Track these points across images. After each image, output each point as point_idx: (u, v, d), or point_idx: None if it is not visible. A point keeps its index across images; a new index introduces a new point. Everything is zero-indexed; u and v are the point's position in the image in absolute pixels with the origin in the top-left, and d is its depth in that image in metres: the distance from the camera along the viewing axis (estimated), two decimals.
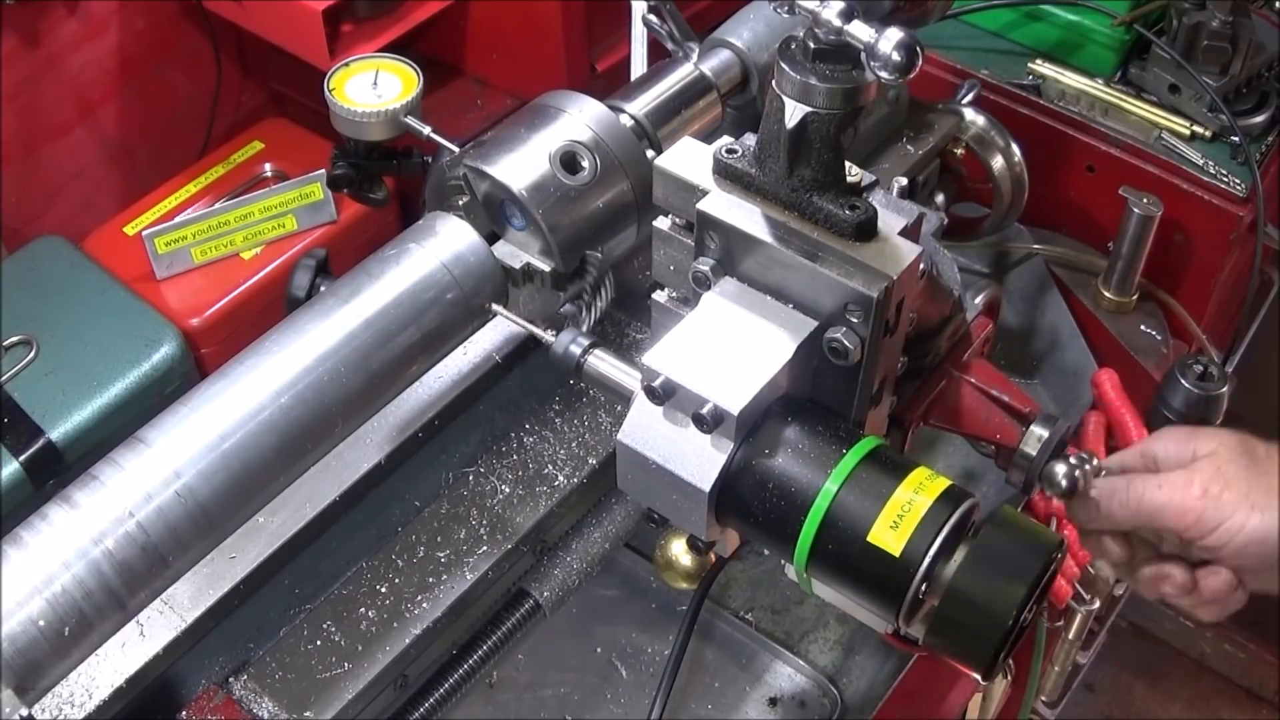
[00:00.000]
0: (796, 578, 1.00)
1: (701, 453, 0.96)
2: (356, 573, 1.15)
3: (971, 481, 1.58)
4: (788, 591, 1.58)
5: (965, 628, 0.92)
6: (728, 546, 1.07)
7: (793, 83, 0.93)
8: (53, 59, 2.25)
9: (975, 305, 1.26)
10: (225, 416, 0.96)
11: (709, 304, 1.02)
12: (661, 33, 1.34)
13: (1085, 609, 1.66)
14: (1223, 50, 1.71)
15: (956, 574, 0.91)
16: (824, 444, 0.96)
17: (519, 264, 1.14)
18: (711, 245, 1.03)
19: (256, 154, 2.28)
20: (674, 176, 1.05)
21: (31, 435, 1.82)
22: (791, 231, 0.98)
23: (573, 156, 1.13)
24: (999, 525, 0.95)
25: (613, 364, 1.05)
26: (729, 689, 1.51)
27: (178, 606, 1.06)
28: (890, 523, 0.92)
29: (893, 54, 0.88)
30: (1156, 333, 1.75)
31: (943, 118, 1.48)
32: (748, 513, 0.97)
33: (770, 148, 0.99)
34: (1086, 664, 2.21)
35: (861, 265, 0.96)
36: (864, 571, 0.94)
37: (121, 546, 0.90)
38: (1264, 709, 2.86)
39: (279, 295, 1.16)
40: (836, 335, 0.98)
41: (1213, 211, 1.70)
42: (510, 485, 1.20)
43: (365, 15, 2.13)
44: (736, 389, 0.95)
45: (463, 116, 2.25)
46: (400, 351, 1.03)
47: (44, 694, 0.91)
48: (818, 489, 0.94)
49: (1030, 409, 1.18)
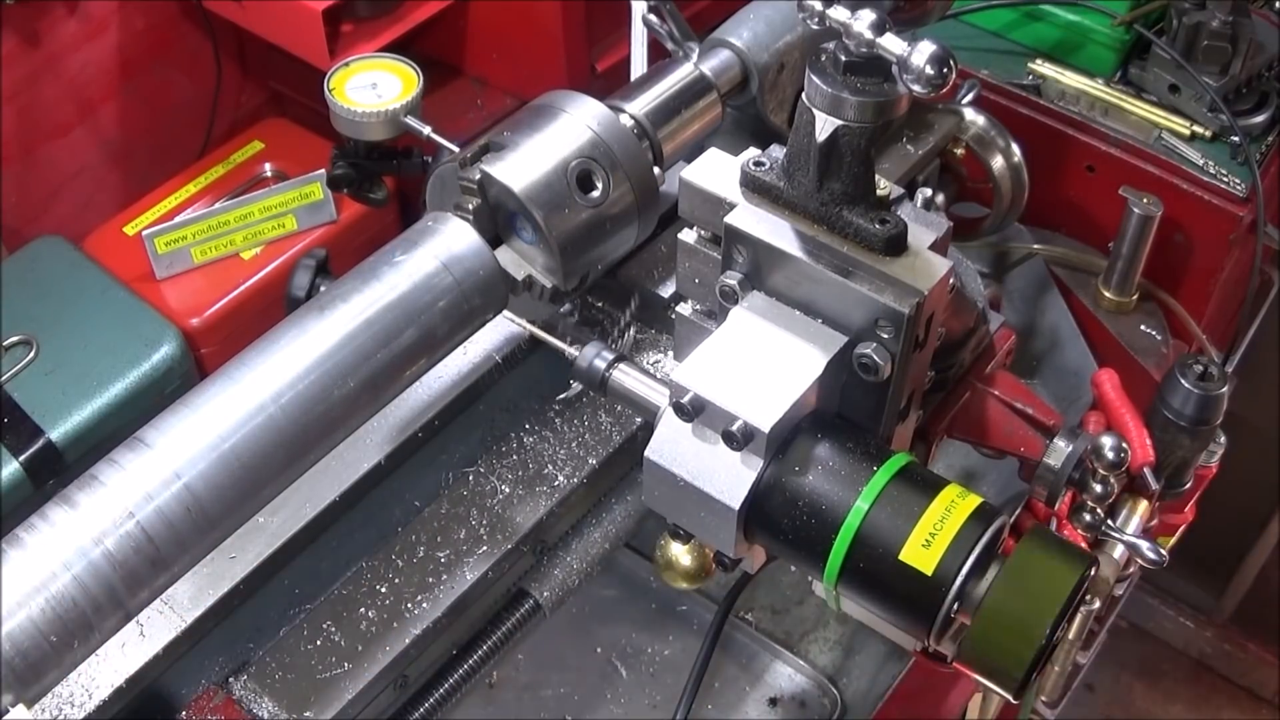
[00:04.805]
0: (825, 595, 1.00)
1: (731, 470, 0.96)
2: (356, 573, 1.15)
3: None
4: (788, 592, 1.58)
5: (997, 647, 0.91)
6: (754, 563, 1.06)
7: (824, 95, 0.93)
8: (53, 59, 2.25)
9: (998, 317, 1.26)
10: (225, 416, 0.96)
11: (737, 319, 1.02)
12: (661, 33, 1.34)
13: (1085, 609, 1.65)
14: (1223, 50, 1.71)
15: (989, 593, 0.91)
16: (854, 461, 0.96)
17: (521, 275, 1.14)
18: (739, 259, 1.02)
19: (256, 154, 2.28)
20: (701, 190, 1.04)
21: (31, 435, 1.82)
22: (821, 246, 0.98)
23: (588, 175, 1.12)
24: (1031, 543, 0.94)
25: (639, 379, 1.04)
26: (729, 689, 1.51)
27: (178, 606, 1.06)
28: (922, 541, 0.92)
29: (926, 67, 0.87)
30: (1156, 333, 1.75)
31: (943, 118, 1.48)
32: (777, 530, 0.97)
33: (800, 161, 0.98)
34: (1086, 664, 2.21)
35: (892, 280, 0.95)
36: (895, 590, 0.93)
37: (121, 546, 0.90)
38: (1264, 709, 2.87)
39: (279, 295, 1.16)
40: (867, 351, 0.97)
41: (1213, 211, 1.70)
42: (510, 485, 1.19)
43: (365, 15, 2.13)
44: (767, 406, 0.94)
45: (463, 116, 2.25)
46: (400, 352, 1.03)
47: (44, 694, 0.90)
48: (849, 507, 0.94)
49: (1054, 421, 1.18)
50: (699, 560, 1.11)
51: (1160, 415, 1.33)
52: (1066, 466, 1.15)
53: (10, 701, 0.86)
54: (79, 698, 1.01)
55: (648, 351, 1.26)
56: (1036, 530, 0.97)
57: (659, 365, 1.24)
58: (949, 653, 0.96)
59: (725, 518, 0.96)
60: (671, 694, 1.47)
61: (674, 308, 1.16)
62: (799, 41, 1.30)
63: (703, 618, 1.55)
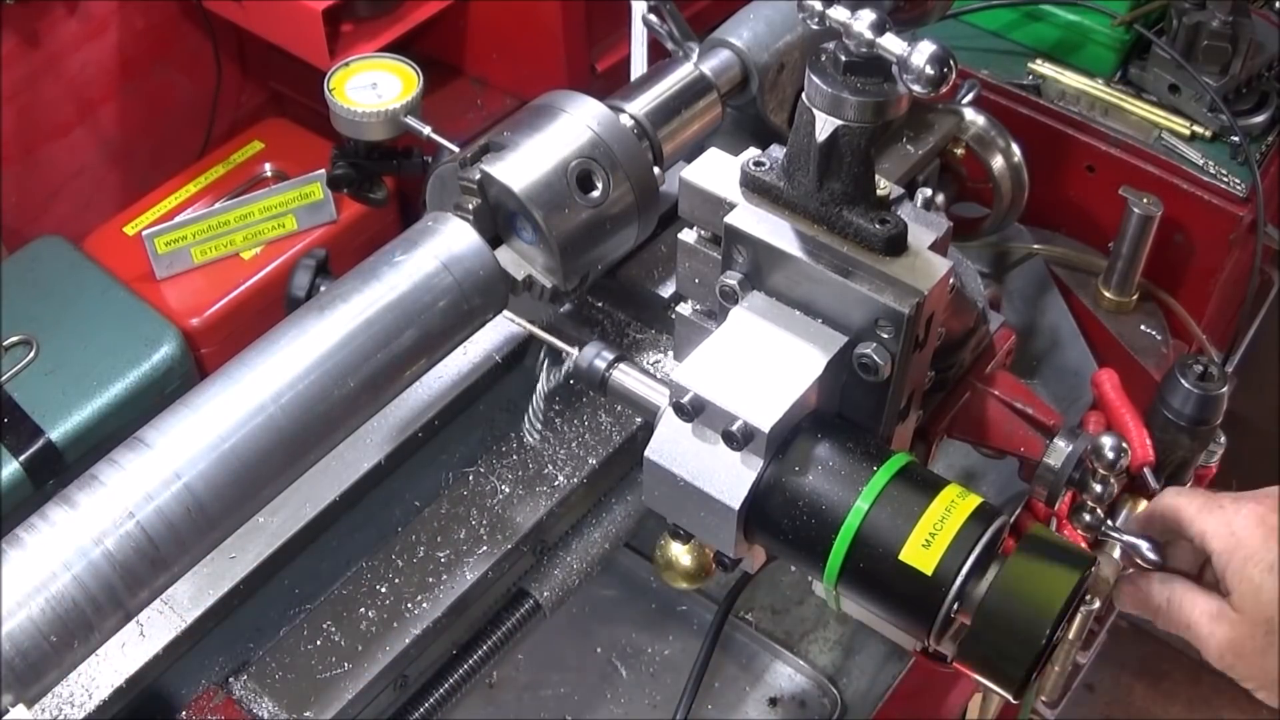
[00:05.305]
0: (824, 595, 1.00)
1: (731, 470, 0.96)
2: (356, 573, 1.14)
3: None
4: (788, 592, 1.58)
5: (997, 647, 0.91)
6: (754, 563, 1.06)
7: (824, 95, 0.93)
8: (53, 59, 2.25)
9: (998, 317, 1.26)
10: (225, 416, 0.95)
11: (737, 319, 1.02)
12: (661, 33, 1.33)
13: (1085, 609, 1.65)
14: (1223, 50, 1.71)
15: (989, 593, 0.91)
16: (854, 461, 0.96)
17: (521, 274, 1.14)
18: (739, 259, 1.02)
19: (256, 154, 2.28)
20: (701, 190, 1.04)
21: (31, 435, 1.82)
22: (821, 246, 0.98)
23: (588, 175, 1.12)
24: (1031, 543, 0.94)
25: (639, 379, 1.04)
26: (729, 689, 1.51)
27: (178, 606, 1.06)
28: (922, 541, 0.92)
29: (926, 67, 0.87)
30: (1156, 333, 1.75)
31: (943, 118, 1.48)
32: (777, 530, 0.97)
33: (800, 161, 0.98)
34: (1086, 664, 2.21)
35: (892, 280, 0.95)
36: (895, 590, 0.93)
37: (121, 546, 0.90)
38: (1264, 709, 2.86)
39: (279, 295, 1.16)
40: (867, 351, 0.97)
41: (1213, 211, 1.70)
42: (510, 485, 1.19)
43: (365, 15, 2.13)
44: (767, 406, 0.94)
45: (463, 116, 2.25)
46: (400, 352, 1.03)
47: (44, 694, 0.90)
48: (849, 507, 0.94)
49: (1054, 421, 1.18)
50: (699, 560, 1.11)
51: (1160, 415, 1.34)
52: (1066, 466, 1.15)
53: (10, 701, 0.86)
54: (79, 698, 1.01)
55: (648, 351, 1.26)
56: (1036, 530, 0.97)
57: (659, 365, 1.24)
58: (949, 653, 0.96)
59: (725, 518, 0.96)
60: (671, 694, 1.47)
61: (674, 308, 1.16)
62: (799, 41, 1.30)
63: (703, 618, 1.55)
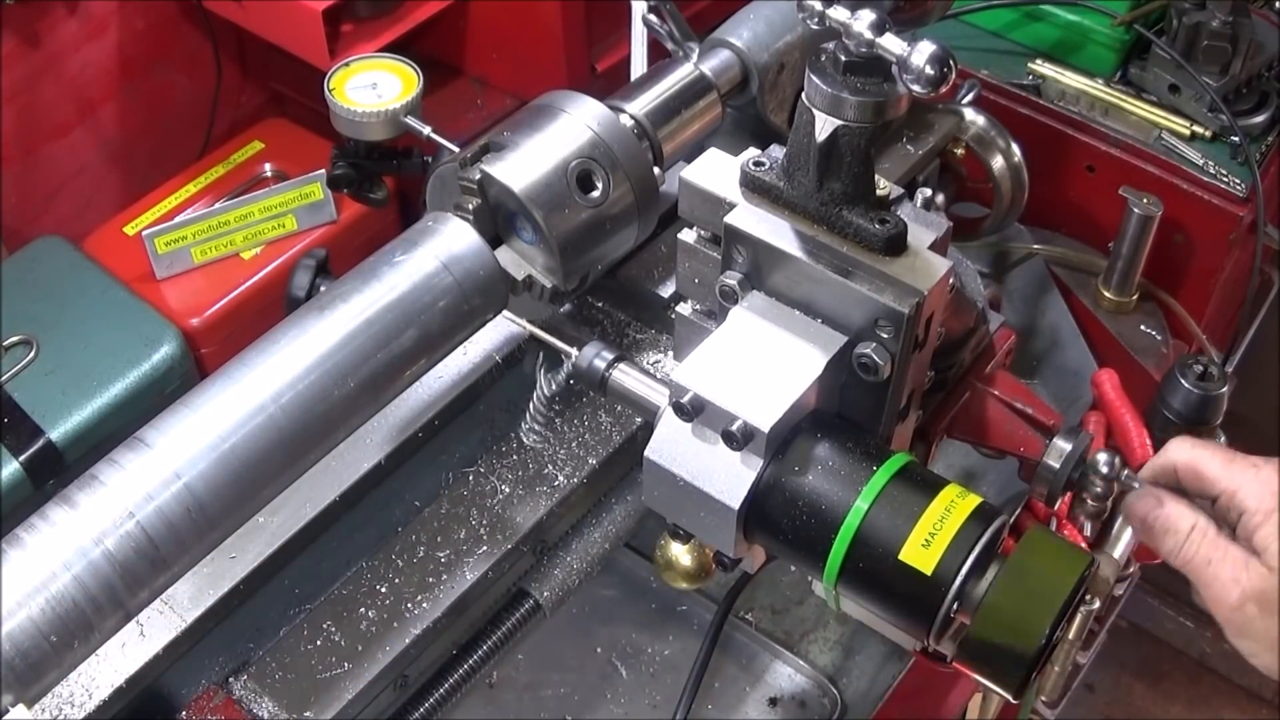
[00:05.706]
0: (824, 595, 1.00)
1: (731, 470, 0.96)
2: (356, 573, 1.15)
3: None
4: (788, 592, 1.58)
5: (997, 647, 0.91)
6: (754, 563, 1.06)
7: (823, 95, 0.93)
8: (53, 59, 2.25)
9: (998, 317, 1.26)
10: (225, 416, 0.96)
11: (737, 319, 1.02)
12: (661, 33, 1.33)
13: (1085, 609, 1.65)
14: (1223, 50, 1.71)
15: (989, 593, 0.91)
16: (854, 461, 0.96)
17: (521, 274, 1.14)
18: (739, 259, 1.02)
19: (256, 154, 2.28)
20: (700, 190, 1.04)
21: (31, 435, 1.82)
22: (821, 246, 0.98)
23: (588, 175, 1.12)
24: (1031, 543, 0.94)
25: (639, 379, 1.04)
26: (729, 689, 1.51)
27: (178, 606, 1.06)
28: (922, 541, 0.92)
29: (926, 67, 0.87)
30: (1156, 333, 1.75)
31: (943, 118, 1.48)
32: (777, 530, 0.97)
33: (799, 161, 0.98)
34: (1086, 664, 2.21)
35: (892, 280, 0.95)
36: (895, 590, 0.93)
37: (121, 546, 0.90)
38: (1264, 709, 2.86)
39: (279, 295, 1.16)
40: (866, 351, 0.97)
41: (1213, 211, 1.70)
42: (510, 485, 1.19)
43: (365, 15, 2.13)
44: (767, 405, 0.94)
45: (463, 116, 2.25)
46: (401, 352, 1.03)
47: (44, 694, 0.90)
48: (848, 507, 0.94)
49: (1054, 421, 1.18)
50: (699, 560, 1.11)
51: (1160, 415, 1.34)
52: (1066, 466, 1.15)
53: (10, 701, 0.86)
54: (79, 698, 1.01)
55: (648, 351, 1.26)
56: (1036, 530, 0.97)
57: (659, 365, 1.24)
58: (949, 653, 0.96)
59: (725, 518, 0.96)
60: (671, 694, 1.47)
61: (674, 308, 1.16)
62: (799, 41, 1.30)
63: (703, 618, 1.55)
